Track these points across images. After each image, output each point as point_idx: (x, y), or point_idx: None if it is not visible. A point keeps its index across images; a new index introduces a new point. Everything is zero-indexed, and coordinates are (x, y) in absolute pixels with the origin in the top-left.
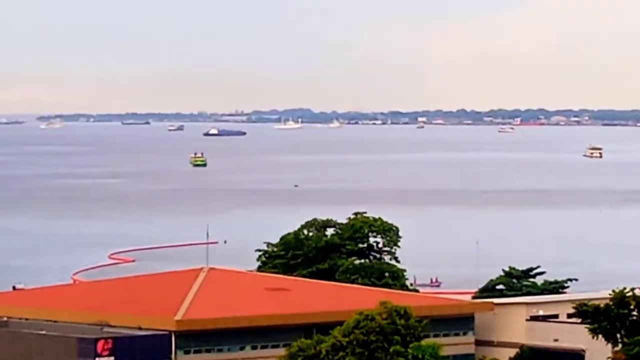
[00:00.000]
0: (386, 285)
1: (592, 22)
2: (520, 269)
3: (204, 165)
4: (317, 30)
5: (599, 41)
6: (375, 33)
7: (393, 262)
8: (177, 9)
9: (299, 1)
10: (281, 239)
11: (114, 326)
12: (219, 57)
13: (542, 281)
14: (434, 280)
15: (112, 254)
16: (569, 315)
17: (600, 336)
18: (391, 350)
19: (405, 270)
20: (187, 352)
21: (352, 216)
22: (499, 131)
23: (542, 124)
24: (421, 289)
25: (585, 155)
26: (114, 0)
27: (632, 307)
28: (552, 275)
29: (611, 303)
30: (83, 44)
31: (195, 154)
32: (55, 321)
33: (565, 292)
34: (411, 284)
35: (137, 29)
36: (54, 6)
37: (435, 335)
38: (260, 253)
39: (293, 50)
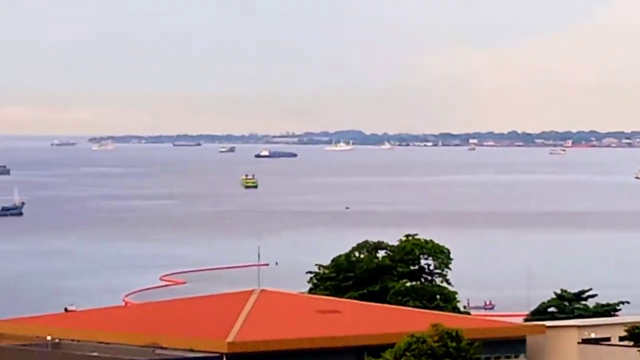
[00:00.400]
0: (438, 307)
1: None
2: (572, 291)
3: (255, 186)
4: (368, 53)
5: None
6: (426, 56)
7: (444, 284)
8: (227, 31)
9: (349, 24)
10: (332, 260)
11: (166, 348)
12: (270, 79)
13: (593, 304)
14: (487, 302)
15: (163, 276)
16: (621, 338)
17: None
18: None
19: (456, 293)
20: None
21: (404, 238)
22: (551, 153)
23: (594, 146)
24: (475, 312)
25: (637, 178)
26: (166, 23)
27: None
28: (604, 297)
29: None
30: (134, 66)
31: (247, 175)
32: (107, 343)
33: (617, 315)
34: (465, 307)
35: (188, 51)
36: (106, 29)
37: (487, 358)
38: (311, 275)
39: (344, 72)
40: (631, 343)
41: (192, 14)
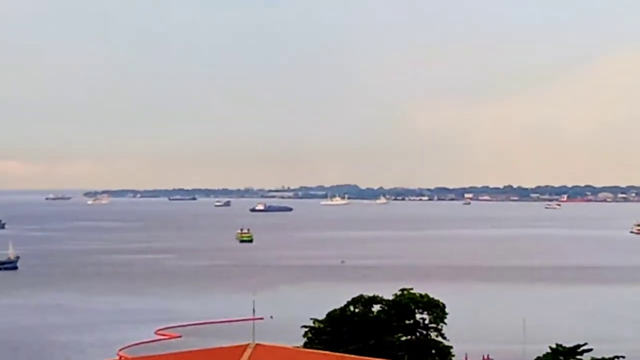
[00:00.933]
0: None
1: (638, 98)
2: (567, 345)
3: (251, 241)
4: (363, 109)
5: None
6: (420, 112)
7: (439, 338)
8: (222, 86)
9: (345, 81)
10: (327, 315)
11: None
12: (265, 134)
13: (589, 358)
14: (485, 357)
15: (158, 330)
16: None
17: None
18: None
19: (452, 347)
20: None
21: (399, 292)
22: (546, 207)
23: (589, 200)
24: None
25: (632, 232)
26: (160, 77)
27: None
28: (600, 352)
29: None
30: (128, 119)
31: (242, 229)
32: None
33: None
34: None
35: (183, 106)
36: (101, 85)
37: None
38: (306, 329)
39: (339, 127)
40: None
41: (189, 69)
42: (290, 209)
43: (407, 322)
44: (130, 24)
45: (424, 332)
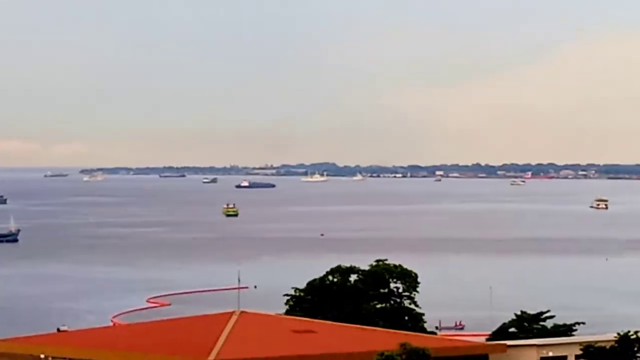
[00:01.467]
0: (406, 327)
1: (599, 84)
2: (531, 312)
3: (236, 215)
4: (343, 92)
5: (606, 100)
6: (394, 94)
7: (412, 306)
8: (210, 71)
9: (326, 66)
10: (308, 284)
11: None
12: (250, 115)
13: (551, 324)
14: (458, 323)
15: (149, 298)
16: (577, 357)
17: None
18: None
19: (423, 314)
20: None
21: (374, 263)
22: (511, 184)
23: (552, 177)
24: (447, 331)
25: (592, 207)
26: (153, 61)
27: (635, 348)
28: (561, 319)
29: (616, 345)
30: (123, 101)
31: (228, 204)
32: None
33: (573, 335)
34: (437, 327)
35: (173, 89)
36: (98, 69)
37: None
38: (288, 297)
39: (318, 109)
40: None
41: (180, 54)
42: (273, 186)
43: (382, 290)
44: (124, 17)
45: (398, 300)
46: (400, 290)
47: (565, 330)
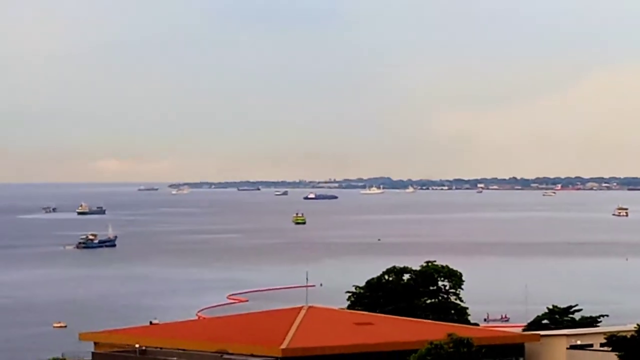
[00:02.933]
0: (452, 320)
1: (618, 105)
2: (562, 306)
3: (304, 223)
4: (395, 115)
5: (626, 119)
6: (442, 116)
7: (457, 301)
8: (279, 96)
9: (378, 91)
10: (366, 282)
11: (232, 354)
12: (315, 136)
13: (579, 317)
14: (504, 316)
15: (229, 295)
16: (602, 345)
17: None
18: None
19: (468, 308)
20: None
21: (424, 264)
22: (543, 195)
23: (579, 189)
24: (493, 323)
25: (614, 214)
26: (227, 88)
27: None
28: (588, 312)
29: (636, 334)
30: (205, 124)
31: (297, 214)
32: (184, 350)
33: (598, 326)
34: (485, 319)
35: (248, 116)
36: (178, 94)
37: None
38: (349, 294)
39: (376, 130)
40: (610, 349)
41: (253, 82)
42: (336, 197)
43: (431, 288)
44: (197, 44)
45: (445, 296)
46: (447, 288)
47: (591, 322)
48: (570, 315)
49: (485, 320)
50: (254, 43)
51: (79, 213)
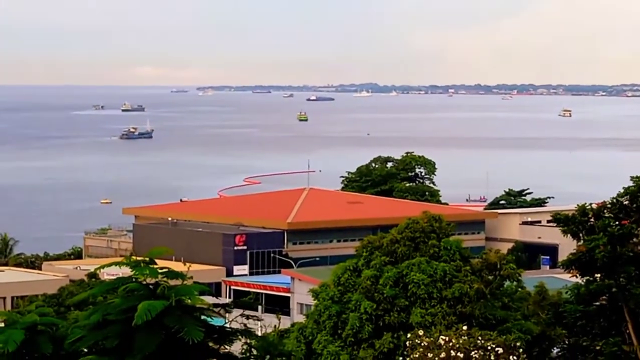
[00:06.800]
0: (426, 200)
1: (568, 24)
2: (516, 190)
3: (306, 120)
4: (382, 32)
5: (572, 37)
6: (420, 33)
7: (431, 185)
8: (290, 16)
9: (371, 13)
10: (357, 169)
11: (247, 226)
12: (317, 48)
13: (530, 199)
14: (482, 197)
15: (246, 178)
16: (548, 221)
17: (568, 235)
18: (429, 243)
19: (439, 190)
20: (294, 244)
21: (404, 154)
22: (502, 99)
23: (531, 94)
24: (474, 203)
25: (559, 115)
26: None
27: (590, 216)
28: (537, 194)
29: (576, 213)
30: (229, 35)
31: (301, 112)
32: (208, 222)
33: (545, 206)
34: (467, 199)
35: (263, 26)
36: (204, 14)
37: (459, 234)
38: (343, 178)
39: (366, 44)
40: (554, 224)
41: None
42: (333, 99)
43: (409, 174)
44: None
45: (421, 180)
46: (423, 174)
47: (540, 202)
48: (523, 197)
49: (467, 200)
50: None
51: (123, 110)
